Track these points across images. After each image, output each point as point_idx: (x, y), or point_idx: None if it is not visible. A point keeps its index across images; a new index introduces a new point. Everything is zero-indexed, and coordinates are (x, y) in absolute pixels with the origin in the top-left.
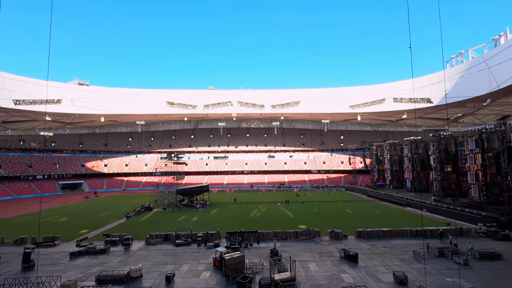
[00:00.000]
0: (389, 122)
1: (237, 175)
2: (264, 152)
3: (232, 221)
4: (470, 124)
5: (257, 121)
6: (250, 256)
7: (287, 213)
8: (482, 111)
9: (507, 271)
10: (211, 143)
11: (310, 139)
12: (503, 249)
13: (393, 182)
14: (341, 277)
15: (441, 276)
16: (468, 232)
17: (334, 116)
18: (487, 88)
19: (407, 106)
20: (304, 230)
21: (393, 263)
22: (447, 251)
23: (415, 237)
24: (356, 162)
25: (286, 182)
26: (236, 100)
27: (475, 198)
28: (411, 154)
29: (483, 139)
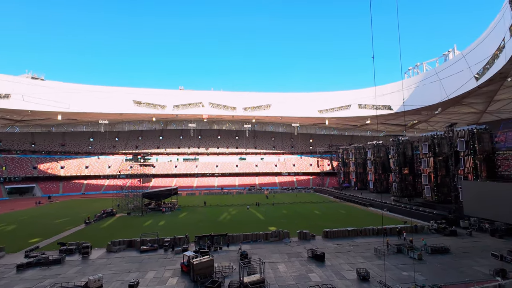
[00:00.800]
0: (354, 127)
1: (207, 177)
2: (235, 154)
3: (201, 225)
4: (424, 130)
5: (228, 123)
6: (219, 259)
7: (258, 215)
8: (434, 118)
9: (454, 264)
10: (181, 144)
11: (281, 142)
12: (451, 244)
13: (358, 183)
14: (309, 276)
15: (399, 271)
16: (422, 229)
17: (304, 120)
18: (439, 98)
19: (370, 112)
20: (274, 231)
21: (356, 260)
22: (404, 247)
23: (377, 235)
24: (324, 165)
25: (257, 184)
26: (207, 101)
27: (428, 198)
28: (373, 157)
29: (434, 144)
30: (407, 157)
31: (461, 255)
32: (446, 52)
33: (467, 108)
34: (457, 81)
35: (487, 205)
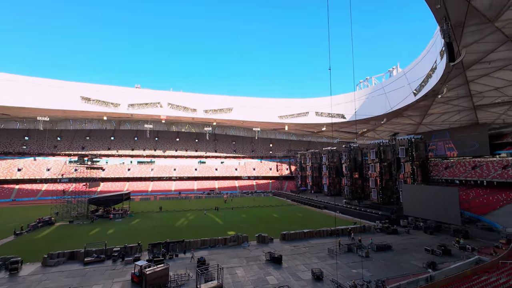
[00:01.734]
0: (312, 133)
1: (164, 181)
2: (194, 157)
3: (156, 232)
4: (372, 138)
5: (188, 125)
6: (175, 267)
7: (216, 220)
8: (380, 128)
9: (396, 259)
10: (135, 146)
11: (242, 146)
12: (393, 241)
13: (314, 187)
14: (267, 279)
15: (349, 269)
16: (369, 229)
17: (265, 125)
18: (384, 109)
19: (326, 120)
20: (233, 236)
21: (311, 261)
22: (354, 246)
23: (330, 236)
24: (283, 169)
25: (217, 188)
26: (166, 101)
27: (374, 200)
28: (328, 163)
29: (380, 151)
30: (357, 162)
31: (401, 251)
32: (391, 68)
33: (407, 119)
34: (399, 95)
35: (421, 205)
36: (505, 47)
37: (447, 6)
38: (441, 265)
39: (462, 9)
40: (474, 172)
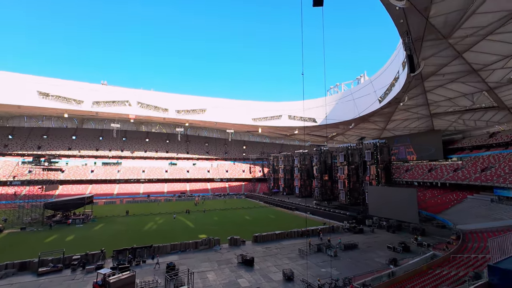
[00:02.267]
0: (284, 136)
1: (131, 184)
2: (165, 159)
3: (122, 237)
4: (341, 142)
5: (159, 126)
6: (143, 274)
7: (187, 223)
8: (349, 132)
9: (361, 257)
10: (100, 146)
11: (215, 148)
12: (359, 240)
13: (286, 189)
14: (238, 282)
15: (318, 268)
16: (338, 229)
17: (239, 127)
18: (352, 115)
19: (298, 123)
20: (204, 239)
21: (283, 262)
22: (323, 246)
23: (301, 237)
24: (256, 171)
25: (188, 190)
26: (135, 100)
27: (342, 201)
28: (300, 165)
29: (348, 155)
30: (327, 165)
31: (366, 250)
32: (359, 76)
33: (373, 125)
34: (366, 102)
35: (384, 206)
36: (457, 61)
37: (408, 22)
38: (402, 261)
39: (421, 25)
40: (430, 174)
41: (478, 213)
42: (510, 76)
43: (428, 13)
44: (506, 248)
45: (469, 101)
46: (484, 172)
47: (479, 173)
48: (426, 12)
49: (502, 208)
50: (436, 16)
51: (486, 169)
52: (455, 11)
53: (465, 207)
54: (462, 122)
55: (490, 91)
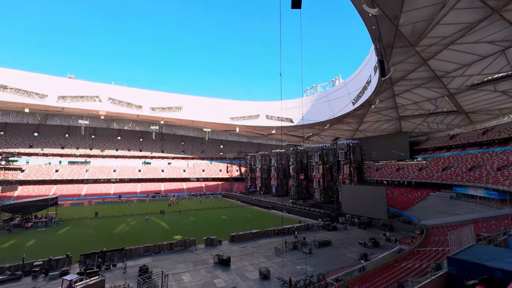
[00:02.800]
0: (262, 136)
1: (101, 184)
2: (138, 158)
3: (90, 240)
4: (316, 142)
5: (132, 123)
6: (113, 279)
7: (162, 224)
8: (324, 132)
9: (334, 253)
10: (66, 144)
11: (191, 147)
12: (333, 237)
13: (263, 188)
14: (214, 282)
15: (294, 266)
16: (312, 226)
17: (215, 126)
18: (328, 116)
19: (275, 123)
20: (179, 240)
21: (259, 260)
22: (299, 244)
23: (277, 235)
24: (233, 171)
25: (163, 191)
26: (106, 95)
27: (317, 200)
28: (276, 164)
29: (323, 154)
30: (303, 164)
31: (339, 246)
32: (334, 79)
33: (347, 126)
34: (341, 103)
35: (356, 203)
36: (422, 68)
37: (380, 29)
38: (371, 256)
39: (391, 33)
40: (398, 173)
41: (439, 209)
42: (467, 84)
43: (398, 21)
44: (462, 240)
45: (432, 105)
46: (445, 171)
47: (440, 172)
48: (396, 20)
49: (460, 204)
50: (405, 25)
51: (447, 168)
52: (422, 21)
53: (428, 204)
54: (426, 125)
55: (450, 97)
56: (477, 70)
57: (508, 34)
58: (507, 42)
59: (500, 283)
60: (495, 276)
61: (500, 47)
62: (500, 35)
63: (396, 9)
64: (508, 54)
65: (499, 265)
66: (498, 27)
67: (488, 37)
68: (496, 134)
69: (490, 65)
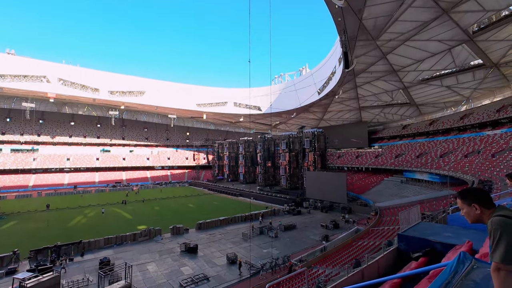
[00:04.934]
0: (230, 123)
1: (52, 173)
2: (96, 145)
3: (41, 235)
4: (283, 130)
5: (87, 107)
6: (71, 274)
7: (124, 215)
8: (291, 121)
9: (298, 236)
10: (8, 129)
11: (155, 134)
12: (297, 221)
13: (230, 176)
14: (181, 270)
15: (260, 250)
16: (279, 212)
17: (181, 113)
18: (295, 105)
19: (244, 111)
20: (144, 230)
21: (227, 246)
22: (265, 228)
23: (244, 221)
24: (200, 158)
25: (124, 180)
26: (55, 76)
27: (283, 186)
28: (244, 152)
29: (290, 142)
30: (271, 152)
31: (303, 229)
32: (301, 68)
33: (312, 115)
34: (307, 93)
35: (319, 189)
36: (382, 62)
37: (345, 21)
38: (332, 236)
39: (355, 25)
40: (357, 160)
41: (391, 193)
42: (419, 78)
43: (361, 15)
44: (410, 219)
45: (389, 97)
46: (397, 158)
47: (393, 159)
48: (360, 14)
49: (408, 188)
50: (368, 19)
51: (399, 155)
52: (383, 16)
53: (382, 187)
54: (383, 115)
55: (405, 90)
56: (427, 66)
57: (454, 34)
58: (453, 41)
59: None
60: (435, 248)
61: (447, 46)
62: (448, 34)
63: (360, 2)
64: (453, 53)
65: (438, 239)
66: (447, 27)
67: (438, 36)
68: (440, 125)
69: (438, 62)
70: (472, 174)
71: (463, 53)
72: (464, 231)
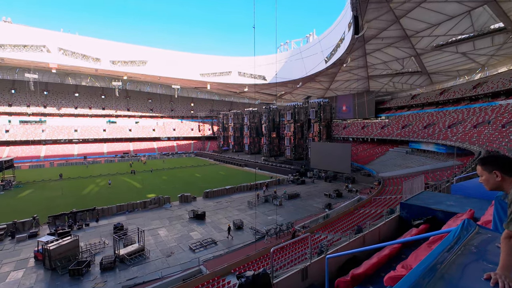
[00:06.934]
0: (234, 94)
1: (62, 144)
2: (102, 116)
3: (57, 203)
4: (289, 100)
5: (91, 78)
6: (87, 237)
7: (134, 184)
8: (296, 91)
9: (302, 204)
10: (14, 101)
11: (160, 105)
12: (301, 190)
13: (235, 146)
14: (190, 235)
15: (265, 217)
16: (283, 181)
17: (185, 83)
18: (301, 74)
19: (248, 80)
20: (153, 198)
21: (233, 213)
22: (270, 197)
23: (250, 190)
24: (205, 129)
25: (132, 150)
26: (55, 45)
27: (288, 156)
28: (249, 123)
29: (295, 113)
30: (275, 123)
31: (306, 197)
32: (308, 35)
33: (319, 84)
34: (314, 61)
35: (324, 159)
36: (394, 26)
37: None
38: (335, 205)
39: None
40: (363, 131)
41: (395, 163)
42: (433, 44)
43: None
44: (414, 189)
45: (400, 65)
46: (404, 129)
47: (400, 130)
48: None
49: (413, 158)
50: None
51: (406, 126)
52: None
53: (387, 158)
54: (392, 85)
55: (417, 57)
56: (443, 30)
57: None
58: (474, 2)
59: (440, 221)
60: (437, 216)
61: (467, 8)
62: None
63: None
64: (473, 16)
65: (440, 207)
66: None
67: None
68: (451, 94)
69: (455, 26)
70: (479, 144)
71: (483, 16)
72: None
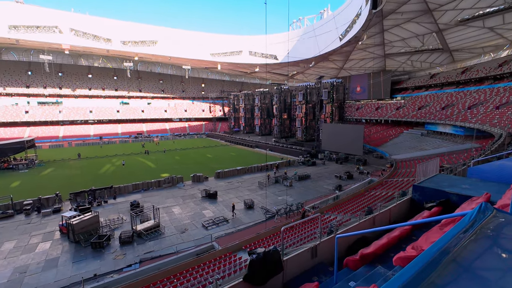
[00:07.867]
0: (245, 74)
1: (79, 125)
2: (115, 97)
3: (77, 180)
4: (300, 81)
5: (103, 59)
6: (106, 213)
7: (148, 164)
8: (308, 71)
9: (312, 185)
10: (31, 83)
11: (171, 86)
12: (311, 172)
13: (246, 128)
14: (203, 213)
15: (275, 197)
16: (294, 162)
17: (195, 63)
18: (313, 53)
19: (259, 60)
20: (167, 178)
21: (244, 193)
22: (280, 178)
23: (260, 171)
24: (216, 110)
25: (145, 131)
26: (67, 26)
27: (299, 138)
28: (260, 104)
29: (307, 93)
30: (287, 104)
31: (317, 179)
32: (322, 10)
33: (332, 64)
34: (327, 39)
35: (335, 141)
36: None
37: None
38: (345, 187)
39: None
40: (376, 112)
41: (409, 145)
42: (458, 19)
43: None
44: (428, 171)
45: (419, 42)
46: (420, 110)
47: (416, 111)
48: None
49: (428, 141)
50: None
51: (422, 107)
52: None
53: (401, 140)
54: (410, 63)
55: (438, 33)
56: (470, 3)
57: None
58: None
59: (454, 205)
60: (450, 200)
61: None
62: None
63: None
64: None
65: (455, 190)
66: None
67: None
68: (474, 73)
69: None
70: (500, 127)
71: None
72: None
